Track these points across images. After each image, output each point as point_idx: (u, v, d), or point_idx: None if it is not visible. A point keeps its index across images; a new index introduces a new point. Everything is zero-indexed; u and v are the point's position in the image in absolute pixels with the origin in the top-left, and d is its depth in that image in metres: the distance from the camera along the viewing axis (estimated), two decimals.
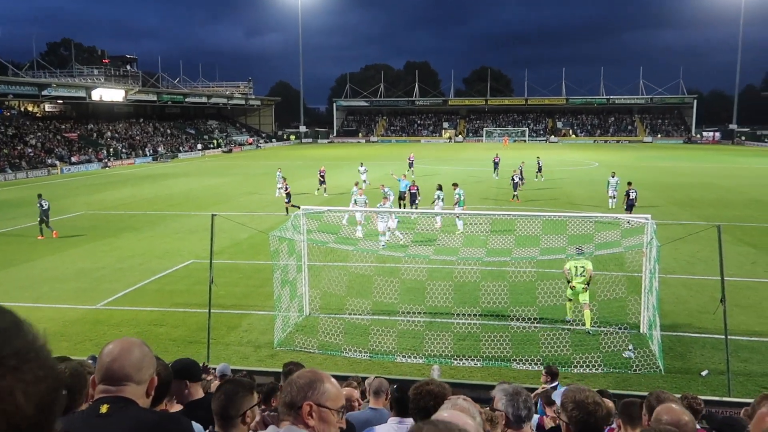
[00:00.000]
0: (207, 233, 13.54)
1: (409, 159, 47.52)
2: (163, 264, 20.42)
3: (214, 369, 9.09)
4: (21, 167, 56.03)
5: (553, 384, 9.27)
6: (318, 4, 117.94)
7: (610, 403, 5.80)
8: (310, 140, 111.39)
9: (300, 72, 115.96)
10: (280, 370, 7.96)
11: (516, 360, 12.15)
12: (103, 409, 2.47)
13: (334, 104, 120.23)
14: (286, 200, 29.43)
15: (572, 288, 13.85)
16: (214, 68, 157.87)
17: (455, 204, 24.80)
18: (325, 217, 16.69)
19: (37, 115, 75.66)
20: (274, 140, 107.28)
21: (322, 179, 36.71)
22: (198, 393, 4.72)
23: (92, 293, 17.24)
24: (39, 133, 67.47)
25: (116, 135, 77.28)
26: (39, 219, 25.42)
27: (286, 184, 30.19)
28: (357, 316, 14.04)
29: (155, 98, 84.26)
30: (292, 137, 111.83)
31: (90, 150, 67.75)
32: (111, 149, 70.68)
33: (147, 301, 16.48)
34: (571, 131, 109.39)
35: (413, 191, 27.47)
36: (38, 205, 25.51)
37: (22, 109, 74.96)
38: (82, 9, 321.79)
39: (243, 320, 14.92)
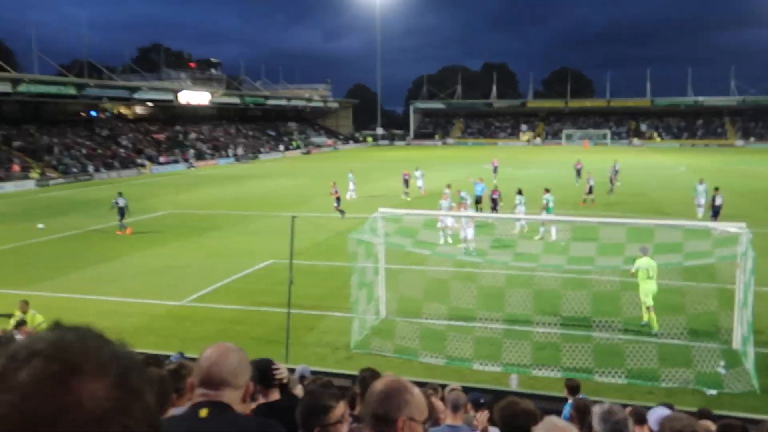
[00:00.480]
0: (286, 233, 13.78)
1: (493, 164, 46.23)
2: (244, 263, 20.95)
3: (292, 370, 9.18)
4: (114, 167, 58.96)
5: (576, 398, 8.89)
6: (396, 7, 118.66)
7: (712, 427, 5.47)
8: (387, 142, 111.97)
9: (377, 74, 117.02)
10: (357, 373, 7.95)
11: (599, 372, 11.73)
12: (203, 413, 2.50)
13: (411, 106, 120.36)
14: (336, 204, 29.54)
15: (644, 291, 13.50)
16: (295, 71, 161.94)
17: (543, 209, 24.09)
18: (403, 220, 16.67)
19: (129, 117, 79.44)
20: (351, 142, 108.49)
21: (406, 182, 36.72)
22: (273, 395, 4.72)
23: (178, 290, 17.87)
24: (130, 135, 70.85)
25: (201, 136, 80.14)
26: (120, 215, 26.75)
27: (336, 188, 30.10)
28: (433, 320, 13.93)
29: (238, 101, 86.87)
30: (369, 139, 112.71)
31: (176, 151, 70.55)
32: (196, 150, 73.36)
33: (229, 299, 16.94)
34: (655, 134, 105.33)
35: (495, 197, 26.94)
36: (114, 202, 26.85)
37: (116, 111, 78.86)
38: (171, 15, 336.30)
39: (321, 321, 15.09)
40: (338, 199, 29.69)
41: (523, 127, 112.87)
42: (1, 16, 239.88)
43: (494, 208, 26.71)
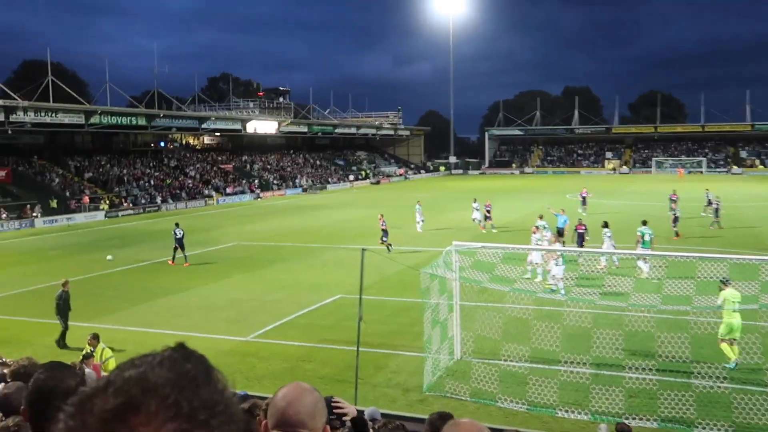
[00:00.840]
0: (354, 267, 13.81)
1: (581, 194, 44.65)
2: (311, 297, 21.12)
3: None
4: (181, 198, 61.15)
5: None
6: (469, 30, 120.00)
7: None
8: (461, 171, 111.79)
9: (450, 100, 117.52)
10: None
11: (701, 425, 11.07)
12: None
13: (486, 133, 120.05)
14: (383, 238, 29.54)
15: (729, 325, 13.18)
16: (364, 98, 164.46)
17: (638, 243, 23.25)
18: (479, 254, 16.44)
19: (197, 147, 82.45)
20: (422, 171, 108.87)
21: (488, 214, 35.95)
22: None
23: (243, 324, 18.15)
24: (198, 165, 73.47)
25: (268, 166, 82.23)
26: (174, 246, 27.98)
27: (383, 220, 30.10)
28: (513, 363, 13.56)
29: (306, 130, 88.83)
30: (442, 168, 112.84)
31: (243, 181, 72.56)
32: (263, 180, 75.26)
33: (295, 335, 17.05)
34: (758, 161, 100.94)
35: (581, 231, 26.04)
36: (173, 232, 28.16)
37: (184, 142, 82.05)
38: (239, 44, 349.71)
39: (391, 360, 14.95)
40: (385, 232, 29.76)
41: (608, 154, 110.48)
42: (74, 49, 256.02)
43: (581, 243, 25.84)
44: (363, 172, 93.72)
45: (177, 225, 28.47)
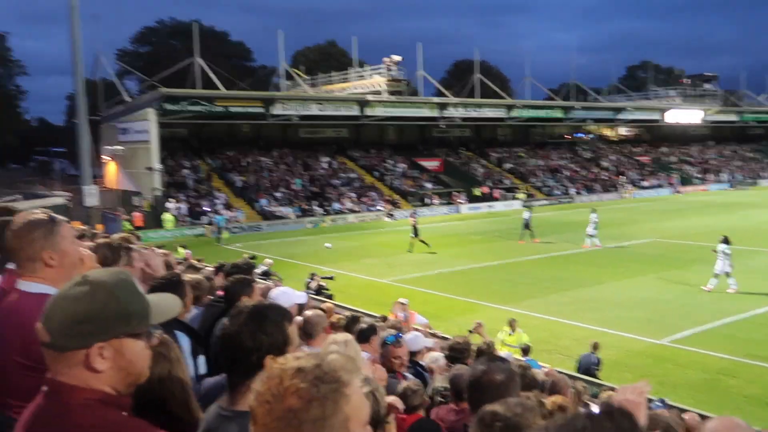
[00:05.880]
0: None
1: None
2: (737, 305, 19.14)
3: None
4: (594, 190, 61.08)
5: None
6: None
7: None
8: None
9: None
10: None
11: None
12: None
13: None
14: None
15: None
16: None
17: None
18: None
19: (612, 138, 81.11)
20: None
21: None
22: None
23: (656, 326, 17.35)
24: (612, 157, 72.38)
25: (689, 159, 76.73)
26: (523, 226, 33.44)
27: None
28: None
29: (736, 118, 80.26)
30: None
31: (661, 174, 69.04)
32: (683, 174, 70.54)
33: (717, 345, 15.64)
34: None
35: None
36: (523, 216, 34.09)
37: (599, 133, 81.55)
38: (659, 31, 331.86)
39: None
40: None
41: None
42: (495, 48, 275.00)
43: None
44: None
45: (528, 208, 36.01)
